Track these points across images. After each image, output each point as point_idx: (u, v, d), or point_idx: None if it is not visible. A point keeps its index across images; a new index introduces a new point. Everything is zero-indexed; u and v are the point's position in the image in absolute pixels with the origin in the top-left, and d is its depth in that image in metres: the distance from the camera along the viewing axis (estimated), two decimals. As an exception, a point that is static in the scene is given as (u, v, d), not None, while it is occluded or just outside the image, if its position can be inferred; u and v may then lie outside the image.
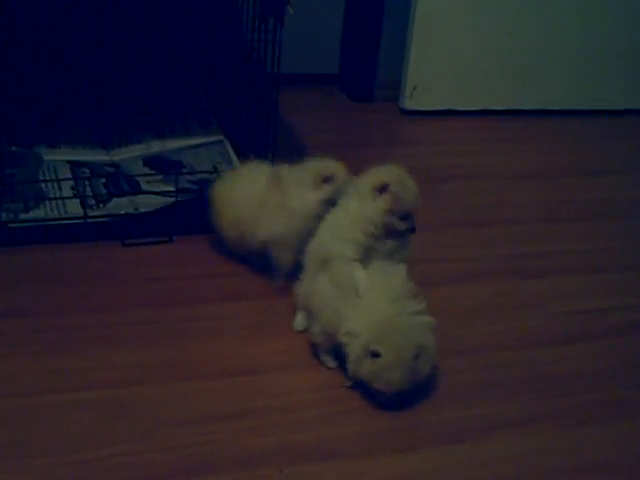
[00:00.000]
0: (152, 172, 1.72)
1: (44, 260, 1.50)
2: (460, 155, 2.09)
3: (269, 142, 1.63)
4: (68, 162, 1.74)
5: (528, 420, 1.27)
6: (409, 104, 2.20)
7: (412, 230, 1.32)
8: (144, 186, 1.68)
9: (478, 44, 2.17)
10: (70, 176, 1.68)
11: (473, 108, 2.23)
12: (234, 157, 1.80)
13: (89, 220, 1.58)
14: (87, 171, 1.71)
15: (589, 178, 2.05)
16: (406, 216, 1.31)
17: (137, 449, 1.13)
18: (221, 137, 1.87)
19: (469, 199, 1.89)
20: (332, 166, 1.45)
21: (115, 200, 1.64)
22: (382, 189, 1.30)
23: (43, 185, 1.65)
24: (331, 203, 1.41)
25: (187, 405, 1.22)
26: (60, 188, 1.66)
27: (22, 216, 1.57)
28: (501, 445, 1.22)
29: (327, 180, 1.43)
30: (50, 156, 1.75)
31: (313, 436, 1.19)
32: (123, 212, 1.60)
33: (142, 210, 1.55)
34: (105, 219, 1.59)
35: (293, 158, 1.50)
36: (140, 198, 1.63)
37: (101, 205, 1.63)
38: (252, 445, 1.16)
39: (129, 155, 1.80)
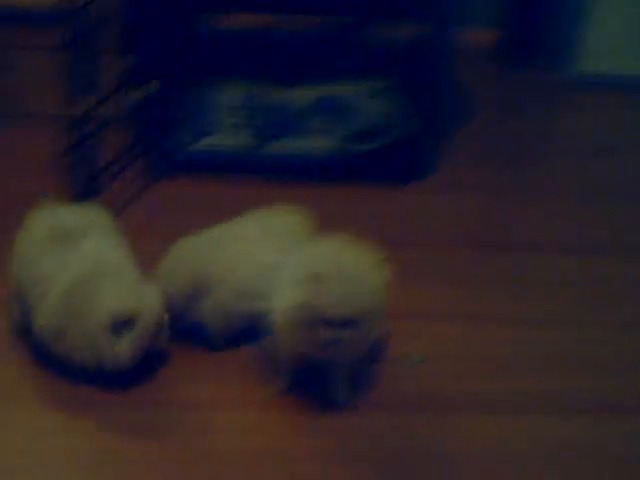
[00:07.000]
0: (322, 114, 1.72)
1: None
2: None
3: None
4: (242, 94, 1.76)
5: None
6: (583, 70, 2.10)
7: None
8: (314, 126, 1.67)
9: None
10: (242, 107, 1.70)
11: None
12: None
13: (260, 154, 1.60)
14: (259, 104, 1.73)
15: None
16: None
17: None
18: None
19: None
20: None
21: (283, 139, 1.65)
22: None
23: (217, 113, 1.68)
24: None
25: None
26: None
27: (199, 143, 1.60)
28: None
29: None
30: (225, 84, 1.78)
31: (472, 386, 1.20)
32: (292, 149, 1.61)
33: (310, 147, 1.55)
34: (278, 152, 1.61)
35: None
36: (308, 141, 1.63)
37: (269, 141, 1.64)
38: (411, 389, 1.19)
39: (302, 94, 1.79)
